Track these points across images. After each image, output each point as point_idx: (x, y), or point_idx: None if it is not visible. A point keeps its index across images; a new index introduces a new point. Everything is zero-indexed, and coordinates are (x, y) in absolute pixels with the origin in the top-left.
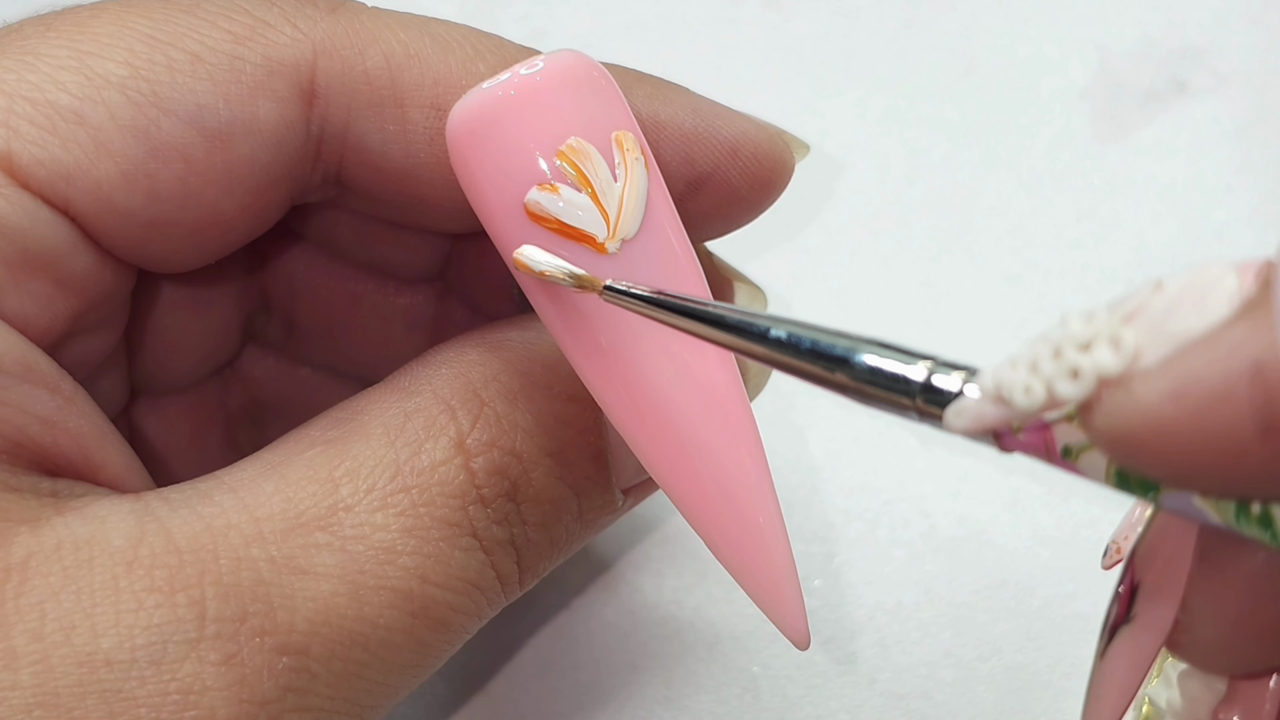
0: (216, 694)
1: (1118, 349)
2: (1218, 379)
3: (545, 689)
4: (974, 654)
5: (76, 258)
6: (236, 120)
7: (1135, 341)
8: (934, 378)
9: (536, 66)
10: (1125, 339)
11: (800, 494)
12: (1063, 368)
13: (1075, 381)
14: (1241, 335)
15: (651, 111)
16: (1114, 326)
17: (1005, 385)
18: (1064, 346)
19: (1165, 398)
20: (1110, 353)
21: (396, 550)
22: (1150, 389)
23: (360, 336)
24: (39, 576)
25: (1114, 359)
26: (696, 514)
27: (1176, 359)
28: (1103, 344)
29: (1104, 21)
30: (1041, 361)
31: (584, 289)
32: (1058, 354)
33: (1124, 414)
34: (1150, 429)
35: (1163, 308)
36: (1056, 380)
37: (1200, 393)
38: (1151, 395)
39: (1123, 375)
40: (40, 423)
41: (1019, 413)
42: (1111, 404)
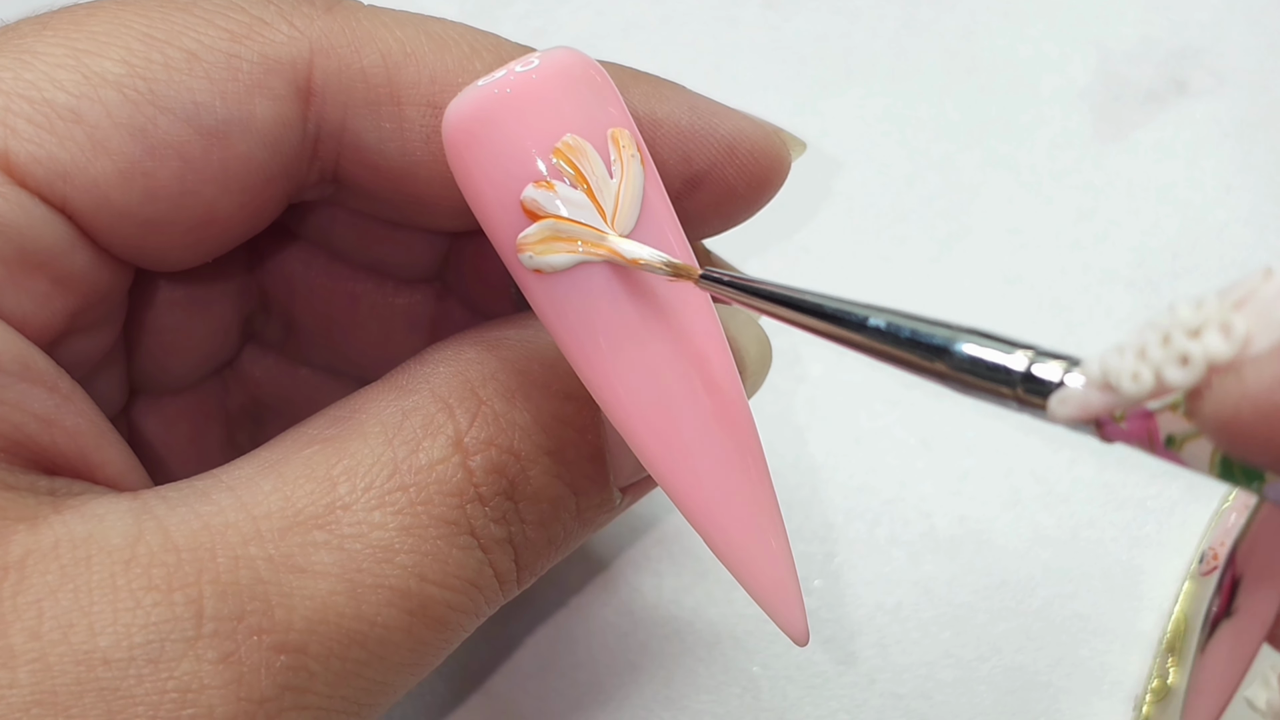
0: (214, 692)
1: (1228, 335)
2: None
3: (545, 689)
4: (974, 654)
5: (74, 256)
6: (233, 118)
7: (1246, 328)
8: (1035, 367)
9: (532, 64)
10: (1236, 325)
11: (800, 494)
12: (1172, 354)
13: (1185, 368)
14: None
15: (648, 109)
16: (1224, 313)
17: (1113, 372)
18: (1173, 332)
19: (1277, 384)
20: (1221, 339)
21: (394, 549)
22: (1262, 375)
23: (359, 336)
24: (37, 575)
25: (1225, 345)
26: (695, 511)
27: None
28: (1213, 330)
29: (1104, 21)
30: (1150, 348)
31: (679, 278)
32: (1167, 340)
33: (1234, 400)
34: (1260, 415)
35: (1273, 295)
36: (1166, 366)
37: None
38: (1263, 381)
39: (1233, 361)
40: (38, 421)
41: (1126, 399)
42: (1221, 390)
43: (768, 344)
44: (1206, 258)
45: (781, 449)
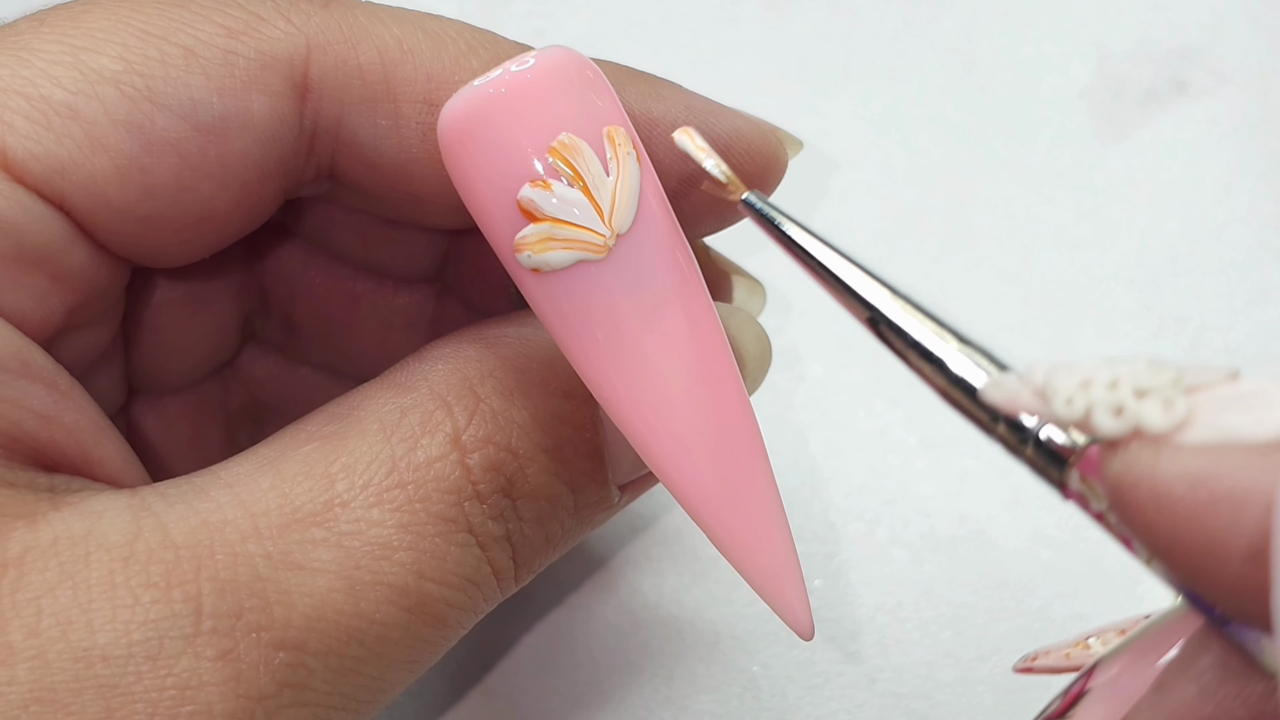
0: (213, 689)
1: (1168, 411)
2: (1238, 488)
3: (544, 688)
4: (974, 654)
5: (71, 252)
6: (230, 114)
7: (1186, 414)
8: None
9: (527, 63)
10: (1178, 407)
11: (800, 494)
12: (1111, 401)
13: (1115, 418)
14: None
15: (644, 108)
16: (1175, 390)
17: (1053, 386)
18: (1122, 382)
19: (1183, 477)
20: (1160, 411)
21: (392, 546)
22: (1175, 462)
23: (359, 336)
24: (35, 572)
25: (1160, 419)
26: (697, 506)
27: (1213, 450)
28: (1157, 400)
29: (1104, 21)
30: (1096, 385)
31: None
32: (1113, 385)
33: (1139, 470)
34: (1155, 496)
35: (1226, 399)
36: (1099, 409)
37: (1216, 491)
38: (1173, 468)
39: (1160, 437)
40: (37, 418)
41: (1052, 415)
42: (1134, 456)
43: (767, 342)
44: (1206, 258)
45: (781, 449)
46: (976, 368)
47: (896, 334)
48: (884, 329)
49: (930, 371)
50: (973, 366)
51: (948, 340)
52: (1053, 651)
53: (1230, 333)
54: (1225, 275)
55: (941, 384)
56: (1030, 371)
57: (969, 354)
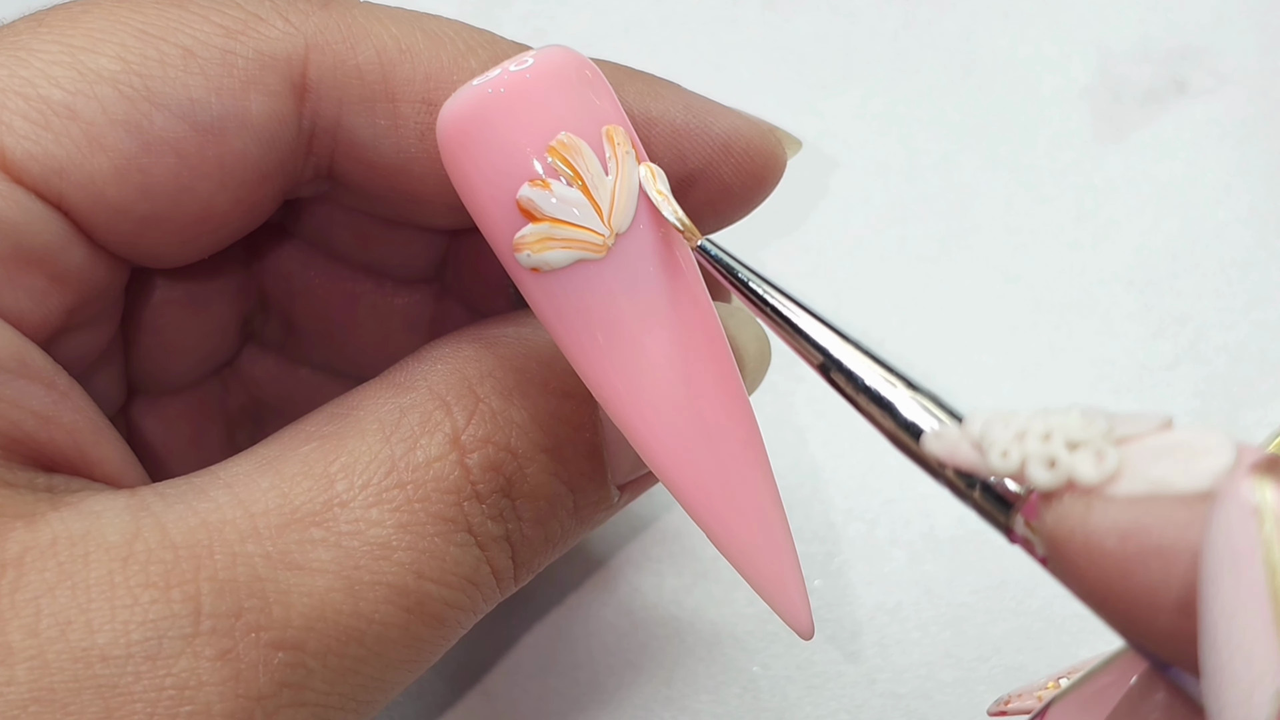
0: (212, 689)
1: (1099, 464)
2: (1166, 542)
3: (544, 688)
4: (974, 654)
5: (70, 252)
6: (229, 115)
7: (1117, 466)
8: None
9: (526, 63)
10: (1109, 460)
11: (800, 494)
12: (1044, 453)
13: (1048, 471)
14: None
15: (643, 108)
16: (1106, 442)
17: (988, 438)
18: (1055, 434)
19: (1114, 531)
20: (1091, 464)
21: (392, 546)
22: (1105, 515)
23: (358, 336)
24: (34, 572)
25: (1092, 471)
26: (696, 505)
27: (1142, 503)
28: (1088, 452)
29: (1104, 21)
30: (1029, 437)
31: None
32: (1046, 438)
33: (1071, 523)
34: (1087, 549)
35: (1156, 450)
36: (1032, 461)
37: (1146, 544)
38: (1104, 521)
39: (1092, 489)
40: (35, 418)
41: (988, 469)
42: (1066, 509)
43: (767, 342)
44: (1206, 258)
45: (781, 449)
46: (925, 413)
47: (847, 379)
48: (835, 375)
49: (880, 416)
50: (921, 412)
51: (897, 386)
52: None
53: (1230, 333)
54: (1225, 275)
55: (890, 429)
56: (968, 422)
57: (919, 399)
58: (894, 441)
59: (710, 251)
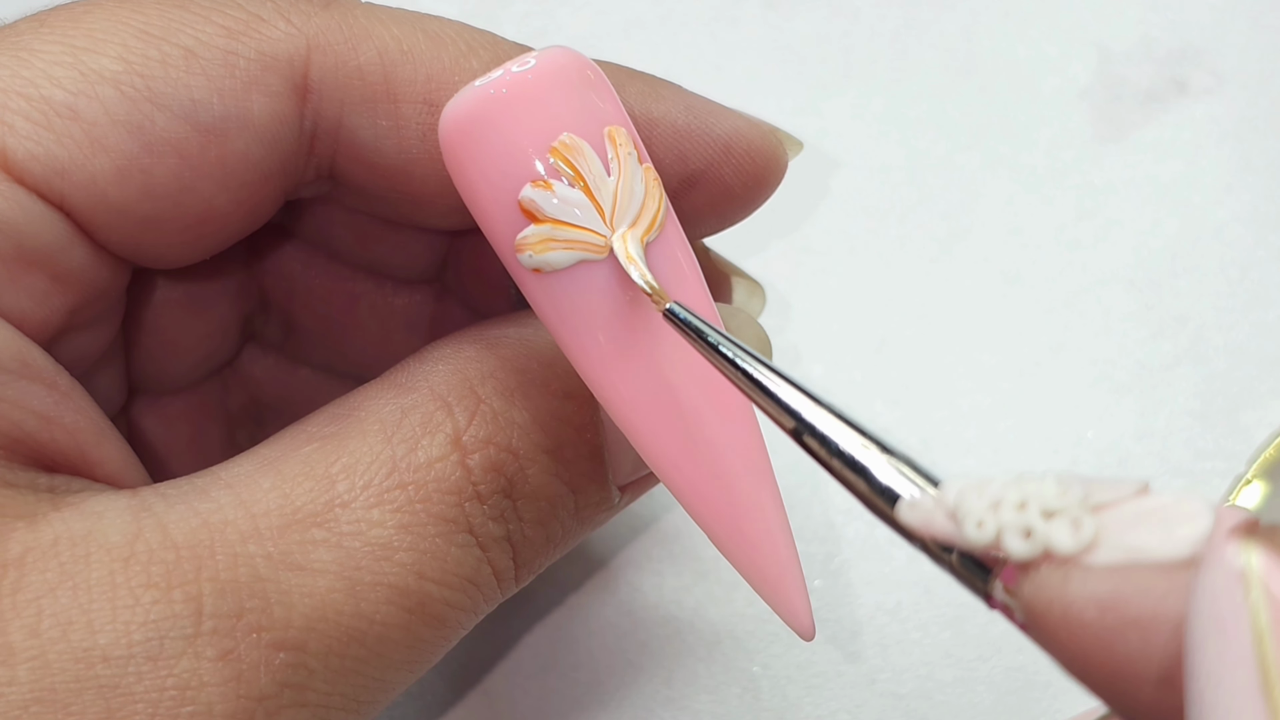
0: (213, 689)
1: (1076, 533)
2: (1146, 612)
3: (544, 688)
4: (974, 654)
5: (72, 253)
6: (230, 115)
7: (1094, 535)
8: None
9: (528, 64)
10: (1085, 528)
11: (800, 494)
12: (1019, 523)
13: (1024, 541)
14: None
15: (644, 109)
16: (1083, 510)
17: (963, 509)
18: (1030, 503)
19: (1092, 602)
20: (1068, 534)
21: (393, 546)
22: (1084, 586)
23: (359, 337)
24: (36, 572)
25: (1068, 541)
26: (697, 506)
27: (1120, 572)
28: (1064, 522)
29: (1104, 21)
30: (1004, 507)
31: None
32: (1022, 506)
33: (1050, 594)
34: (1066, 621)
35: (1133, 516)
36: (1008, 532)
37: (1125, 615)
38: (1082, 592)
39: (1069, 559)
40: (37, 418)
41: (964, 539)
42: (1044, 579)
43: (768, 343)
44: (1206, 258)
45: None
46: (900, 478)
47: (821, 443)
48: (808, 439)
49: (854, 481)
50: (897, 477)
51: (871, 449)
52: None
53: (1230, 333)
54: (1225, 275)
55: (865, 494)
56: (943, 490)
57: (895, 465)
58: (869, 506)
59: (679, 315)
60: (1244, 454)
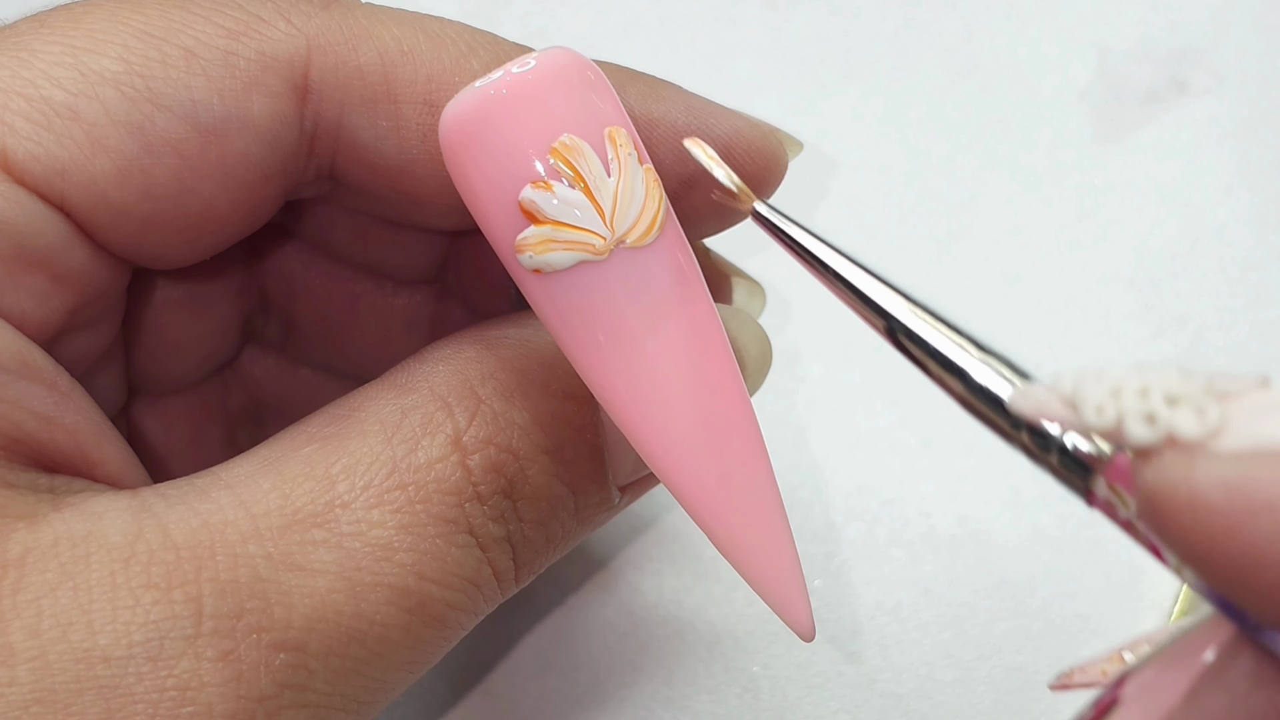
0: (213, 690)
1: (1201, 419)
2: (1278, 495)
3: (544, 688)
4: (974, 654)
5: (72, 253)
6: (231, 115)
7: (1220, 421)
8: None
9: (528, 65)
10: (1211, 413)
11: (800, 494)
12: (1142, 409)
13: (1148, 426)
14: None
15: (645, 109)
16: (1207, 397)
17: (1082, 395)
18: (1152, 390)
19: (1221, 485)
20: (1194, 419)
21: (393, 547)
22: (1211, 470)
23: (359, 337)
24: (36, 573)
25: (1194, 426)
26: (697, 507)
27: (1248, 458)
28: (1189, 407)
29: (1104, 21)
30: (1126, 393)
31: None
32: (1144, 393)
33: (1174, 479)
34: (1191, 506)
35: (1260, 406)
36: (1130, 417)
37: (1256, 497)
38: (1210, 476)
39: (1192, 444)
40: (37, 419)
41: (1081, 424)
42: (1168, 464)
43: (768, 344)
44: (1206, 258)
45: (781, 449)
46: (998, 377)
47: (915, 343)
48: (902, 338)
49: (951, 381)
50: (994, 375)
51: (968, 349)
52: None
53: (1230, 333)
54: (1225, 275)
55: (963, 393)
56: (1058, 380)
57: (989, 362)
58: (965, 405)
59: (766, 216)
60: None
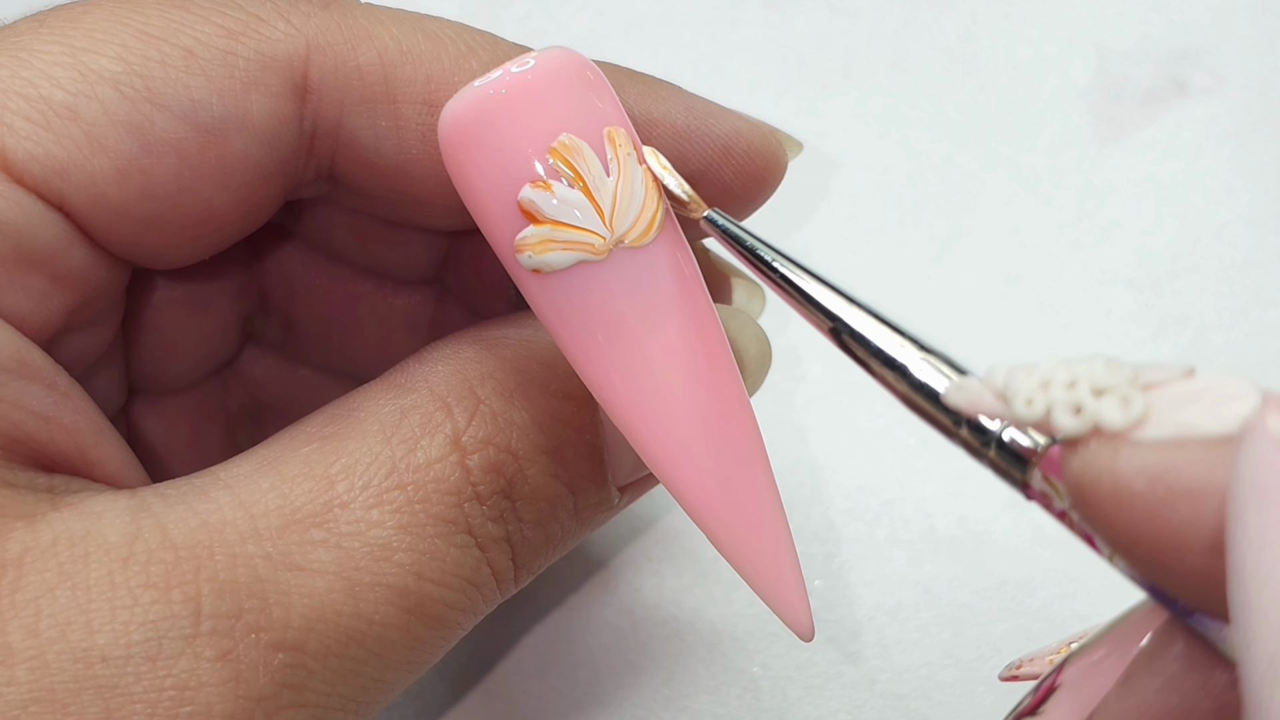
0: (212, 689)
1: (1125, 409)
2: (1195, 483)
3: (544, 689)
4: (974, 654)
5: (71, 253)
6: (230, 115)
7: (1143, 412)
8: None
9: (527, 64)
10: (1135, 404)
11: (800, 494)
12: (1069, 400)
13: (1074, 417)
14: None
15: (644, 110)
16: (1132, 388)
17: (1013, 388)
18: (1080, 382)
19: (1142, 473)
20: (1118, 409)
21: (392, 547)
22: (1133, 459)
23: (359, 337)
24: (35, 572)
25: (1118, 416)
26: (697, 507)
27: (1170, 445)
28: (1114, 398)
29: (1104, 21)
30: (1054, 385)
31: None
32: (1071, 385)
33: (1099, 468)
34: (1115, 493)
35: (1182, 395)
36: (1058, 408)
37: (1175, 485)
38: (1132, 465)
39: (1118, 434)
40: (36, 418)
41: (1013, 416)
42: (1093, 454)
43: (767, 344)
44: (1206, 258)
45: (781, 449)
46: (938, 373)
47: (858, 342)
48: (845, 338)
49: (892, 378)
50: (934, 372)
51: (908, 348)
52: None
53: (1230, 333)
54: (1225, 275)
55: (904, 390)
56: (990, 374)
57: (930, 360)
58: (906, 402)
59: (717, 222)
60: None
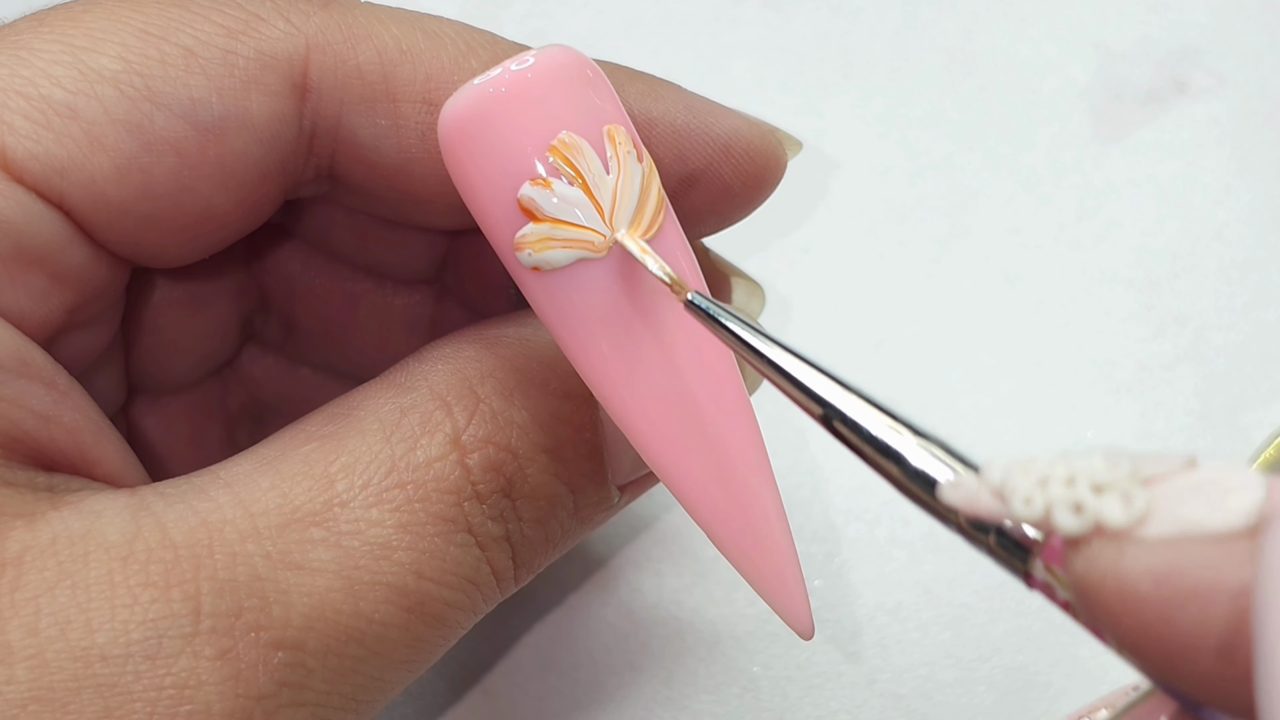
0: (212, 688)
1: (1127, 506)
2: (1203, 583)
3: (544, 688)
4: (974, 654)
5: (71, 252)
6: (229, 114)
7: (1146, 508)
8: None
9: (527, 62)
10: (1137, 501)
11: (800, 494)
12: (1069, 498)
13: (1075, 516)
14: (1242, 554)
15: (644, 108)
16: (1133, 484)
17: (1010, 486)
18: (1079, 478)
19: (1148, 574)
20: (1119, 507)
21: (392, 546)
22: (1138, 559)
23: (359, 337)
24: (34, 571)
25: (1120, 514)
26: (697, 505)
27: (1175, 544)
28: (1115, 495)
29: (1104, 21)
30: (1052, 483)
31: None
32: (1070, 482)
33: (1104, 568)
34: (1121, 595)
35: (1184, 489)
36: (1058, 507)
37: (1182, 586)
38: (1137, 566)
39: (1121, 533)
40: (36, 417)
41: (1012, 516)
42: (1097, 554)
43: None
44: (1206, 258)
45: (781, 449)
46: (935, 461)
47: (851, 429)
48: (838, 425)
49: (888, 467)
50: (931, 460)
51: (904, 434)
52: None
53: (1230, 333)
54: (1225, 275)
55: (899, 479)
56: (987, 470)
57: (926, 447)
58: (903, 491)
59: (700, 305)
60: (1244, 454)
